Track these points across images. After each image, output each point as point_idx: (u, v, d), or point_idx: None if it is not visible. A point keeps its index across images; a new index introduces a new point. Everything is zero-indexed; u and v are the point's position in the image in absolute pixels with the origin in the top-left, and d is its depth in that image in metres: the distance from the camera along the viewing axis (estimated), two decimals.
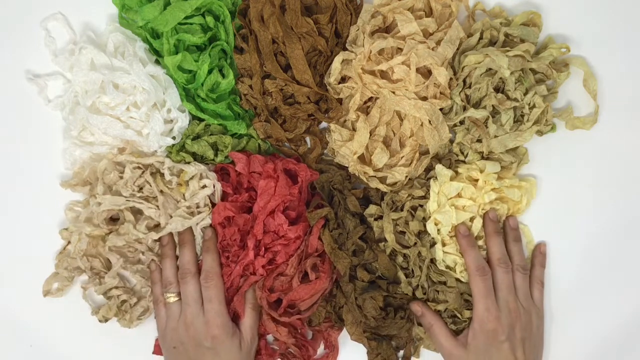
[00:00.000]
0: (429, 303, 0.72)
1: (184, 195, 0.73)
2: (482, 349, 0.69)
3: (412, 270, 0.72)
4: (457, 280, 0.72)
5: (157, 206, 0.71)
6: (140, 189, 0.72)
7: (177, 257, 0.74)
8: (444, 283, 0.72)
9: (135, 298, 0.74)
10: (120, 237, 0.72)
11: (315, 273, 0.71)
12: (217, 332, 0.70)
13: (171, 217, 0.72)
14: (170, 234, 0.74)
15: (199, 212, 0.73)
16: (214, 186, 0.73)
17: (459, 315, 0.72)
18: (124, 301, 0.73)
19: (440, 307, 0.72)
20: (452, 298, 0.71)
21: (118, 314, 0.73)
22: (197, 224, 0.73)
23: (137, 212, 0.73)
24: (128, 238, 0.72)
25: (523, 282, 0.72)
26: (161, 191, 0.72)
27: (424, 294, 0.73)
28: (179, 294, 0.72)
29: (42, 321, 0.75)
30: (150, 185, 0.72)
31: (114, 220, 0.74)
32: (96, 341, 0.75)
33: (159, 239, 0.74)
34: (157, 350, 0.75)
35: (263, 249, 0.70)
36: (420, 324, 0.73)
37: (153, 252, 0.74)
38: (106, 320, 0.74)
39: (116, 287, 0.73)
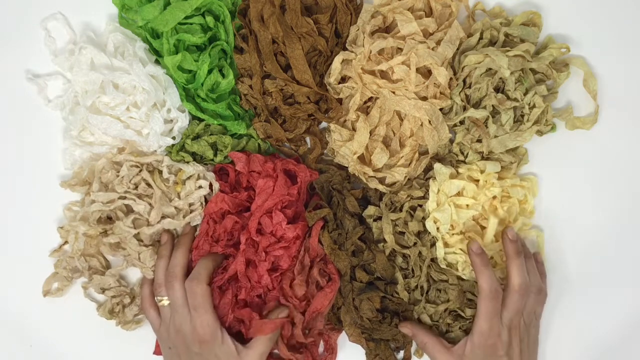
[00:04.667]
0: (428, 305, 0.72)
1: (179, 194, 0.73)
2: None
3: (412, 270, 0.72)
4: (459, 278, 0.72)
5: (150, 203, 0.71)
6: (136, 187, 0.72)
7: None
8: (446, 282, 0.72)
9: (129, 297, 0.74)
10: (114, 236, 0.71)
11: (323, 278, 0.71)
12: (204, 338, 0.69)
13: (163, 216, 0.72)
14: (172, 235, 0.74)
15: (192, 212, 0.73)
16: (210, 186, 0.73)
17: (462, 314, 0.72)
18: (117, 303, 0.73)
19: (441, 308, 0.72)
20: (454, 296, 0.71)
21: (113, 316, 0.73)
22: (189, 222, 0.73)
23: (130, 212, 0.73)
24: (122, 237, 0.71)
25: (534, 303, 0.70)
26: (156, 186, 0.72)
27: (422, 294, 0.73)
28: None
29: (42, 321, 0.75)
30: (146, 182, 0.71)
31: (111, 219, 0.73)
32: (96, 341, 0.75)
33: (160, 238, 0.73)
34: (158, 351, 0.75)
35: (263, 253, 0.70)
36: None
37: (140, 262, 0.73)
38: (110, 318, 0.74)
39: (108, 288, 0.73)
